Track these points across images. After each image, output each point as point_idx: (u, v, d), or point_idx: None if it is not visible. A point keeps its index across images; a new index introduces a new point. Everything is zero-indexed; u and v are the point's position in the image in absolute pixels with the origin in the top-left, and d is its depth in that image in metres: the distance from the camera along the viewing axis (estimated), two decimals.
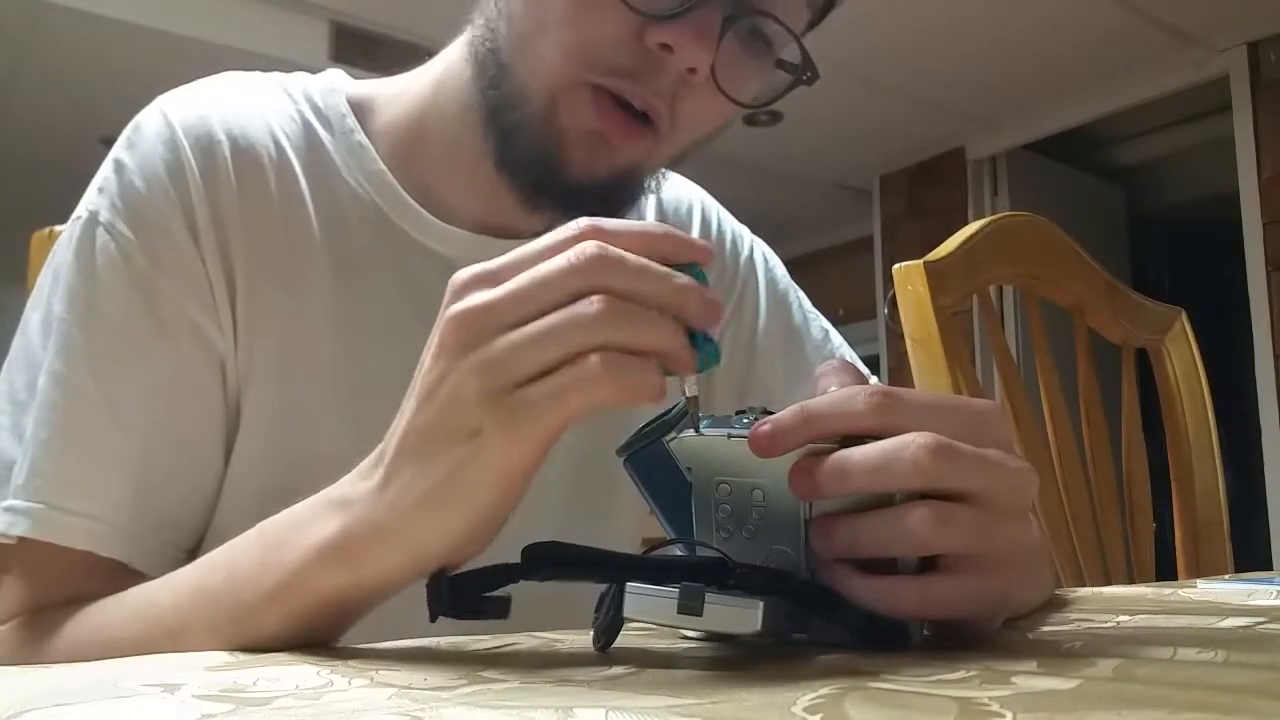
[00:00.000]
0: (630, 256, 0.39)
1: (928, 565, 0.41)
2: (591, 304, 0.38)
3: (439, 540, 0.42)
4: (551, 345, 0.38)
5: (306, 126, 0.66)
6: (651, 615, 0.39)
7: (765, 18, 0.58)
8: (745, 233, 0.85)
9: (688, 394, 0.42)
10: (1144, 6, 3.09)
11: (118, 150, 0.63)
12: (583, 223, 0.40)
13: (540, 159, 0.60)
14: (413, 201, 0.66)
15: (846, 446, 0.40)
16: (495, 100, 0.61)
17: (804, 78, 0.62)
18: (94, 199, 0.61)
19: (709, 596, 0.38)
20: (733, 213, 0.86)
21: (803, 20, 0.61)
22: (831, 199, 4.66)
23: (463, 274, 0.41)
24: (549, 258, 0.39)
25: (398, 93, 0.70)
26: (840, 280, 4.48)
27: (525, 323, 0.38)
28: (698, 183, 0.85)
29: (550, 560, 0.41)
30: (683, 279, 0.39)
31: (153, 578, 0.53)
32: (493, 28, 0.61)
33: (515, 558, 0.41)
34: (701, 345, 0.40)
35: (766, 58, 0.61)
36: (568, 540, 0.41)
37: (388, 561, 0.42)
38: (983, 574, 0.40)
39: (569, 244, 0.39)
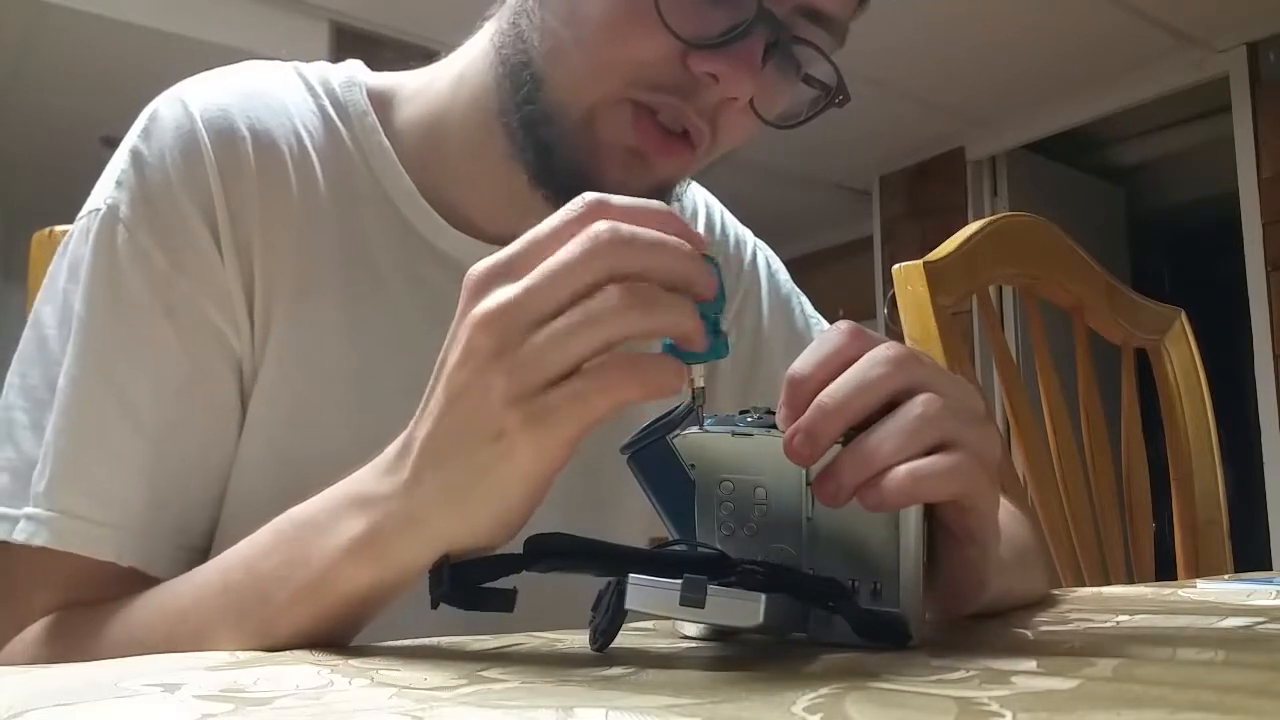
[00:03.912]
0: (642, 232, 0.39)
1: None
2: (610, 296, 0.38)
3: (466, 535, 0.42)
4: (575, 344, 0.38)
5: (327, 122, 0.65)
6: (654, 607, 0.39)
7: (804, 45, 0.59)
8: (748, 236, 0.84)
9: (695, 386, 0.42)
10: (1144, 6, 3.09)
11: (134, 140, 0.61)
12: (589, 198, 0.40)
13: (577, 174, 0.59)
14: (430, 207, 0.65)
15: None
16: (531, 115, 0.59)
17: (837, 100, 0.62)
18: (112, 192, 0.60)
19: (711, 589, 0.38)
20: (733, 212, 0.85)
21: (834, 43, 0.61)
22: (831, 199, 4.66)
23: (478, 268, 0.41)
24: (561, 238, 0.40)
25: (418, 89, 0.68)
26: (840, 280, 4.48)
27: (549, 316, 0.38)
28: (698, 182, 0.84)
29: (552, 551, 0.41)
30: (687, 245, 0.39)
31: (169, 578, 0.53)
32: (523, 37, 0.59)
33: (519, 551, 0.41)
34: (713, 335, 0.40)
35: (797, 76, 0.61)
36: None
37: (415, 553, 0.43)
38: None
39: (579, 224, 0.39)
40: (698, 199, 0.82)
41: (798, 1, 0.57)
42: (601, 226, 0.39)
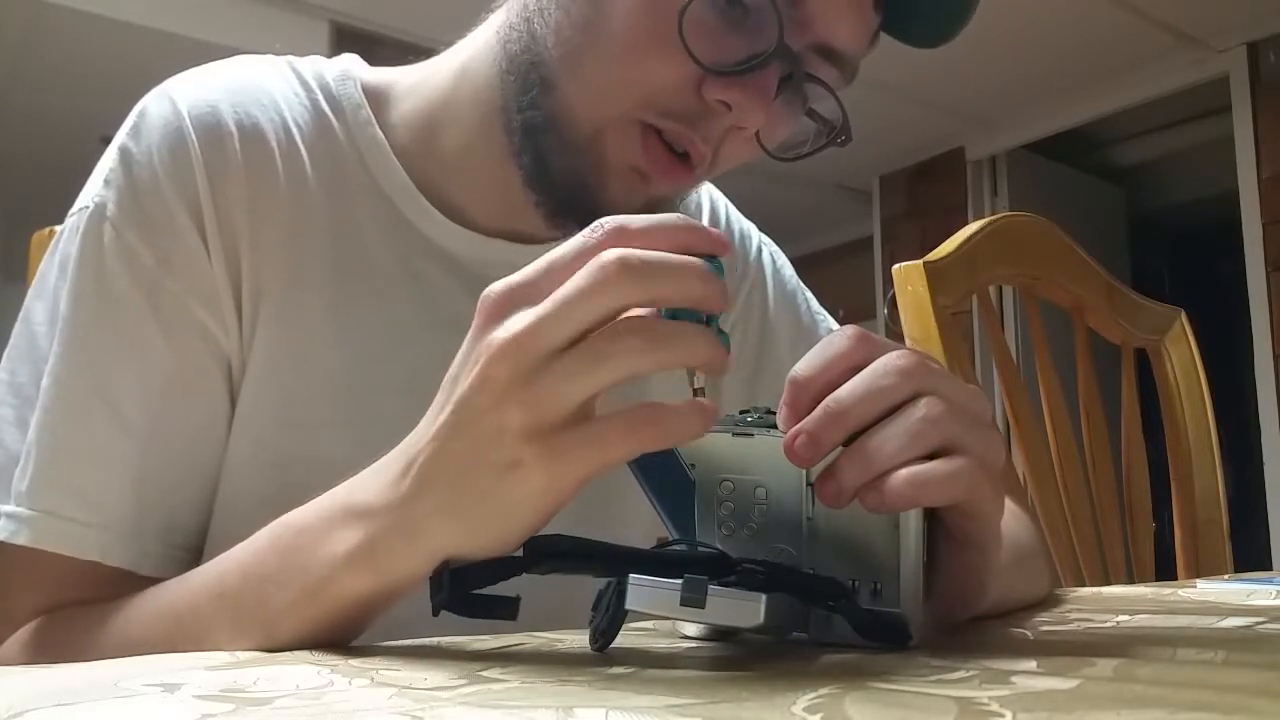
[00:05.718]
0: (652, 259, 0.38)
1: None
2: (619, 333, 0.38)
3: (468, 549, 0.42)
4: (586, 381, 0.38)
5: (319, 116, 0.64)
6: (654, 607, 0.39)
7: (815, 83, 0.59)
8: (753, 231, 0.84)
9: (695, 386, 0.42)
10: (1144, 6, 3.09)
11: (123, 138, 0.61)
12: (608, 225, 0.40)
13: (576, 184, 0.59)
14: (426, 202, 0.65)
15: None
16: (535, 120, 0.59)
17: (839, 140, 0.62)
18: (100, 191, 0.60)
19: (712, 589, 0.38)
20: None
21: (843, 81, 0.61)
22: (831, 199, 4.66)
23: (496, 289, 0.40)
24: (581, 263, 0.39)
25: (416, 83, 0.67)
26: (840, 280, 4.47)
27: (562, 347, 0.38)
28: None
29: (553, 552, 0.41)
30: (698, 264, 0.39)
31: (159, 580, 0.53)
32: (535, 36, 0.59)
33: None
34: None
35: (802, 110, 0.62)
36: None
37: (415, 565, 0.42)
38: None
39: (598, 250, 0.39)
40: (702, 193, 0.82)
41: (815, 38, 0.57)
42: (610, 256, 0.38)
